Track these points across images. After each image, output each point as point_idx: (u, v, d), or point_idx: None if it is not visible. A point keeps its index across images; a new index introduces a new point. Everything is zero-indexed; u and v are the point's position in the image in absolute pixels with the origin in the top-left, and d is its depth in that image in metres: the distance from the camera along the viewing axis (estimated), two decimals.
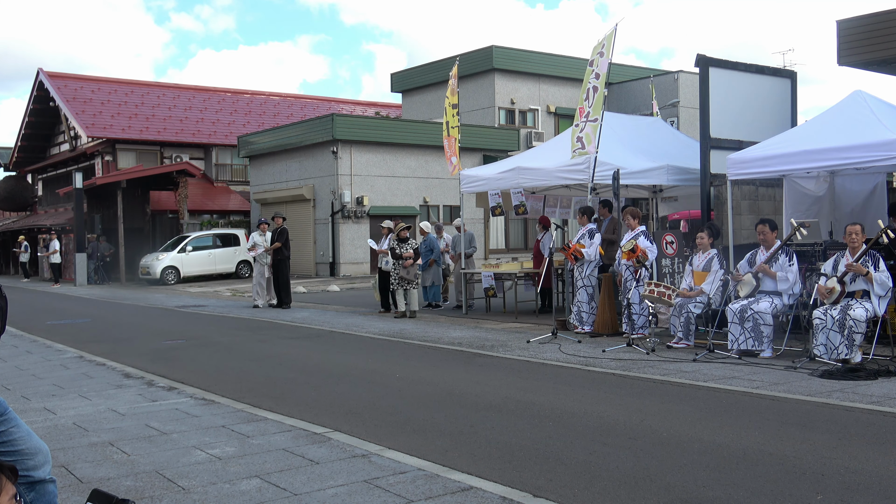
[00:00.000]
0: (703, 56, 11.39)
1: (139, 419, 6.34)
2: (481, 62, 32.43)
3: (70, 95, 35.41)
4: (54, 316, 16.32)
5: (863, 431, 5.55)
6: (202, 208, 33.04)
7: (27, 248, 33.14)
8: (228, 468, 4.90)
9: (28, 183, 42.52)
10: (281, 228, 16.64)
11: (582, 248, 11.20)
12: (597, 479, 4.60)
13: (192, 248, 27.69)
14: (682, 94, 31.83)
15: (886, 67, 14.35)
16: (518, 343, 10.44)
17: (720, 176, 11.23)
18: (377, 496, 4.29)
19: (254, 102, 40.83)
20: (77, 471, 4.90)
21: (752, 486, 4.38)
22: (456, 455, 5.14)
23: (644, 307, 10.33)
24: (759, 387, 7.17)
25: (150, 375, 8.51)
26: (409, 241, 14.39)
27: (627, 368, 8.31)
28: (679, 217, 19.03)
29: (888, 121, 9.43)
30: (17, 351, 10.79)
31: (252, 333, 12.45)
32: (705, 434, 5.56)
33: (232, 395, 7.33)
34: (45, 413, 6.65)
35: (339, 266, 27.53)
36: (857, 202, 11.56)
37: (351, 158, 27.42)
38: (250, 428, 5.96)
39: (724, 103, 11.46)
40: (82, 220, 28.99)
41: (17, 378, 8.50)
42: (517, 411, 6.43)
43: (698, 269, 9.83)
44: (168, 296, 22.06)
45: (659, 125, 15.10)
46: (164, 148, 35.55)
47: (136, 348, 10.92)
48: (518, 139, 31.32)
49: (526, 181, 12.91)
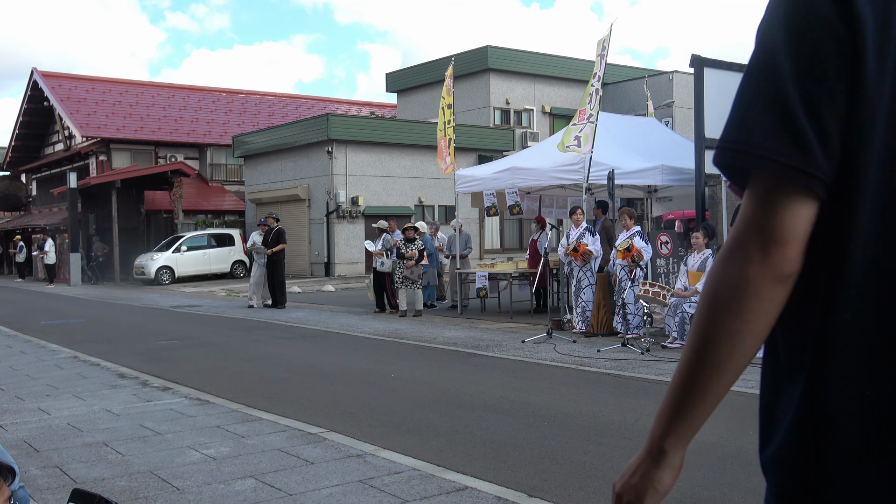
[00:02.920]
0: (698, 56, 11.41)
1: (134, 419, 6.32)
2: (476, 62, 32.43)
3: (64, 95, 35.31)
4: (48, 316, 16.28)
5: None
6: (197, 208, 32.99)
7: (22, 248, 33.05)
8: (223, 468, 4.89)
9: (22, 183, 42.40)
10: (277, 229, 16.59)
11: (585, 247, 11.21)
12: (592, 479, 4.60)
13: (187, 248, 27.63)
14: (676, 94, 31.88)
15: None
16: (513, 343, 10.44)
17: (715, 176, 11.26)
18: (372, 496, 4.29)
19: (248, 102, 40.78)
20: (71, 471, 4.89)
21: (748, 486, 4.39)
22: (451, 455, 5.14)
23: (639, 307, 10.35)
24: (754, 386, 7.18)
25: (145, 375, 8.49)
26: (415, 242, 14.40)
27: (622, 368, 8.32)
28: (674, 217, 19.05)
29: None
30: (11, 351, 10.76)
31: (247, 333, 12.44)
32: (700, 434, 5.53)
33: (227, 396, 7.32)
34: (40, 413, 6.63)
35: (334, 266, 27.50)
36: None
37: (346, 158, 27.40)
38: (245, 428, 5.95)
39: (719, 103, 11.46)
40: (76, 219, 28.92)
41: (11, 378, 8.48)
42: (512, 411, 6.43)
43: (693, 269, 9.85)
44: (162, 296, 22.02)
45: (654, 125, 15.13)
46: (158, 148, 35.48)
47: (131, 348, 10.90)
48: (513, 139, 31.33)
49: (521, 181, 12.92)
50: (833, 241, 1.05)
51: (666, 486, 1.18)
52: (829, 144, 1.02)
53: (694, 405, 1.15)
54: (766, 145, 1.04)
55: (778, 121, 1.03)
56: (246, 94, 41.59)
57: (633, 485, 1.19)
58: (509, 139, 31.09)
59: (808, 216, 1.04)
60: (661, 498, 1.18)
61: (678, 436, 1.18)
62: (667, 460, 1.18)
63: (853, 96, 1.01)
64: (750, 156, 1.06)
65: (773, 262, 1.05)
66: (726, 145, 1.10)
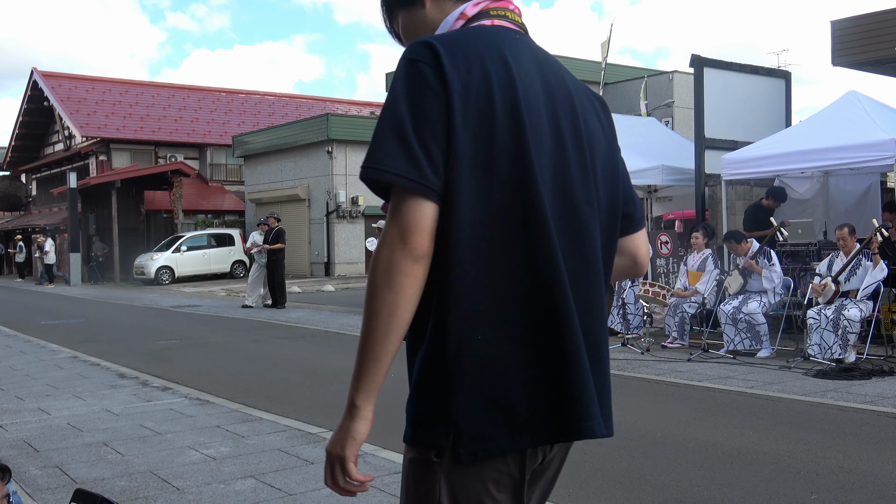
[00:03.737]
0: (698, 56, 11.41)
1: (133, 419, 6.32)
2: None
3: (64, 95, 35.30)
4: (48, 316, 16.27)
5: (857, 431, 5.57)
6: (197, 208, 32.99)
7: (22, 248, 33.05)
8: (223, 468, 4.89)
9: (22, 183, 42.39)
10: (278, 229, 16.59)
11: None
12: (591, 479, 4.60)
13: (187, 247, 27.63)
14: (676, 94, 31.85)
15: (880, 68, 14.39)
16: None
17: (715, 176, 11.25)
18: (372, 496, 4.29)
19: (248, 102, 40.76)
20: (71, 471, 4.89)
21: (747, 486, 4.39)
22: None
23: (639, 307, 10.35)
24: (754, 386, 7.18)
25: (145, 375, 8.49)
26: None
27: (622, 368, 8.32)
28: (673, 217, 19.04)
29: (882, 121, 9.46)
30: (11, 351, 10.76)
31: (247, 333, 12.43)
32: (700, 434, 5.57)
33: (226, 396, 7.32)
34: (40, 413, 6.63)
35: (334, 266, 27.50)
36: (851, 202, 11.60)
37: (346, 158, 27.40)
38: (245, 428, 5.95)
39: (719, 103, 11.48)
40: (76, 219, 28.92)
41: (11, 378, 8.48)
42: None
43: (693, 269, 9.85)
44: (162, 296, 22.02)
45: (653, 125, 15.12)
46: (158, 148, 35.47)
47: (131, 348, 10.89)
48: None
49: None
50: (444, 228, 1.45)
51: (361, 436, 1.49)
52: (434, 164, 1.44)
53: (372, 365, 1.48)
54: (393, 164, 1.43)
55: (400, 149, 1.44)
56: (246, 94, 41.58)
57: (338, 439, 1.49)
58: None
59: (430, 213, 1.44)
60: (357, 445, 1.48)
61: (365, 392, 1.50)
62: (360, 413, 1.49)
63: (450, 132, 1.44)
64: (383, 172, 1.44)
65: (410, 247, 1.43)
66: (366, 165, 1.46)
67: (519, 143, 1.48)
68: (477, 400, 1.47)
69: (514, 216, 1.48)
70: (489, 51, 1.51)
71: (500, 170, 1.47)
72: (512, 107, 1.48)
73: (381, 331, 1.46)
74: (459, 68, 1.47)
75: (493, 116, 1.47)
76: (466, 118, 1.45)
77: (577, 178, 1.56)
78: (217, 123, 37.69)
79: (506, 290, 1.48)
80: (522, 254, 1.48)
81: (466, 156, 1.45)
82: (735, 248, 9.20)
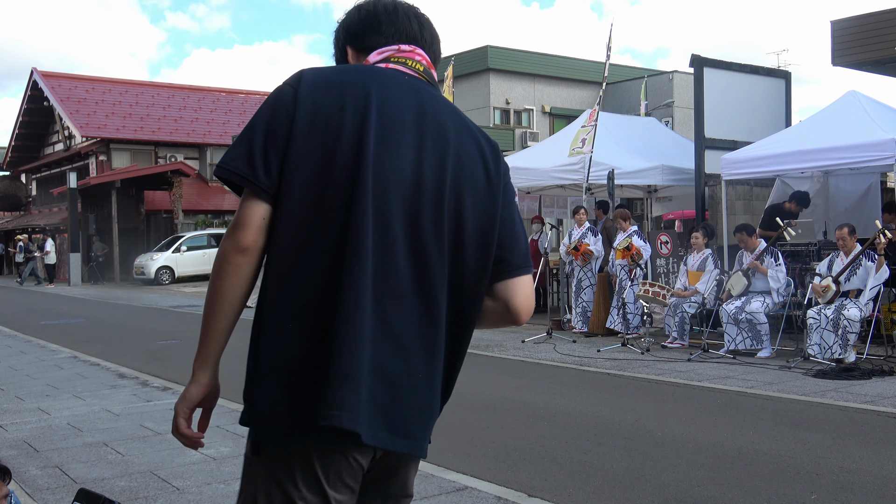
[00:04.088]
0: (698, 56, 11.42)
1: (133, 419, 6.33)
2: (476, 62, 32.42)
3: (64, 95, 35.28)
4: (48, 316, 16.27)
5: (857, 431, 5.57)
6: (197, 208, 32.96)
7: (22, 248, 33.04)
8: (223, 468, 4.89)
9: (22, 183, 42.36)
10: None
11: (586, 246, 11.20)
12: (592, 479, 4.60)
13: (187, 247, 27.62)
14: (676, 94, 31.85)
15: (880, 68, 14.39)
16: (513, 343, 10.44)
17: (715, 176, 11.25)
18: None
19: (248, 102, 40.73)
20: (71, 471, 4.89)
21: (747, 486, 4.39)
22: (450, 455, 5.14)
23: (639, 307, 10.35)
24: (754, 386, 7.18)
25: (145, 375, 8.49)
26: None
27: (622, 368, 8.32)
28: (673, 217, 19.05)
29: (882, 121, 9.46)
30: (10, 351, 10.76)
31: (246, 333, 12.38)
32: (700, 433, 5.57)
33: (226, 396, 7.25)
34: (40, 413, 6.63)
35: None
36: (851, 202, 11.61)
37: None
38: (245, 428, 5.93)
39: (719, 103, 11.48)
40: (76, 219, 28.91)
41: (11, 378, 8.48)
42: (512, 411, 6.43)
43: (693, 269, 9.85)
44: (162, 296, 22.02)
45: (654, 125, 15.13)
46: (158, 148, 35.44)
47: (131, 348, 10.89)
48: (513, 139, 31.32)
49: (521, 181, 12.91)
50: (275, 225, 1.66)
51: (192, 396, 1.78)
52: (269, 168, 1.66)
53: (208, 338, 1.76)
54: (235, 165, 1.68)
55: (244, 152, 1.68)
56: (246, 94, 41.56)
57: (178, 400, 1.78)
58: (509, 139, 31.08)
59: (259, 211, 1.66)
60: (189, 404, 1.78)
61: (201, 360, 1.79)
62: (196, 378, 1.78)
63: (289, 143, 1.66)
64: (227, 171, 1.68)
65: (235, 239, 1.66)
66: (219, 164, 1.70)
67: (358, 160, 1.65)
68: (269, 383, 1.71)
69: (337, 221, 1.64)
70: (354, 82, 1.73)
71: (337, 179, 1.65)
72: (360, 128, 1.67)
73: (209, 310, 1.73)
74: (317, 91, 1.69)
75: (338, 134, 1.66)
76: (313, 131, 1.66)
77: (428, 207, 1.70)
78: (217, 123, 37.68)
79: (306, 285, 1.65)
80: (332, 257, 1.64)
81: (304, 165, 1.65)
82: (745, 240, 9.16)
